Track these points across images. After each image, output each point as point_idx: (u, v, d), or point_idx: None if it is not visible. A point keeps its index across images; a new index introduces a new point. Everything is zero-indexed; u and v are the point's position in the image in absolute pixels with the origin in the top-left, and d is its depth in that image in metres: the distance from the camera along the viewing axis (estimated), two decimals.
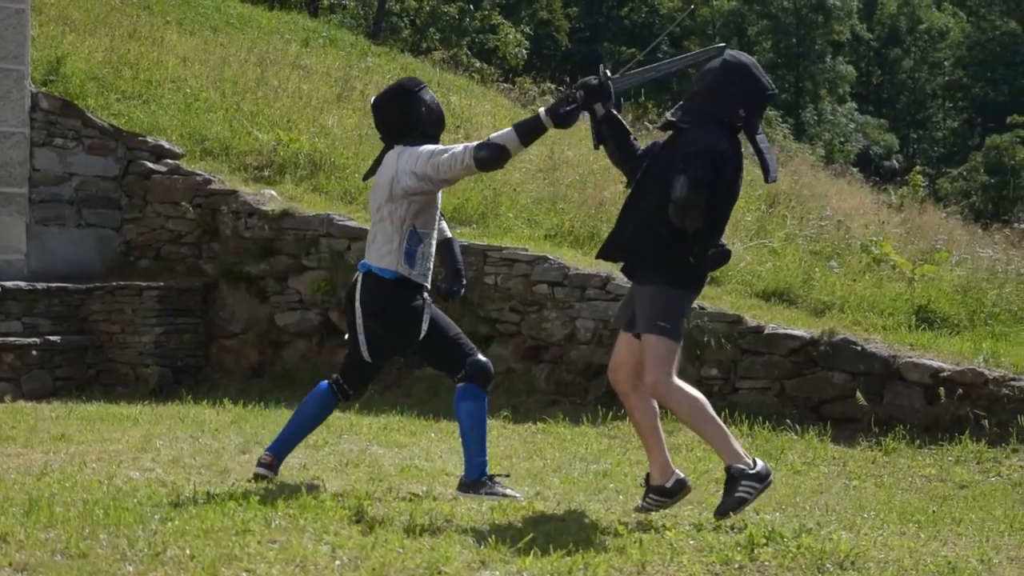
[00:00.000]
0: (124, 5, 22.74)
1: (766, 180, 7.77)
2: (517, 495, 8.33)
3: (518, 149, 8.24)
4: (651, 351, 7.62)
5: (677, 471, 7.89)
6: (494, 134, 8.29)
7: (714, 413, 7.77)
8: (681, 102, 7.85)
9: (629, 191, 7.91)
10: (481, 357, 8.51)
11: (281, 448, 8.83)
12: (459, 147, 8.26)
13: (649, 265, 7.64)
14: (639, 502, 7.95)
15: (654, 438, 7.87)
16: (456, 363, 8.49)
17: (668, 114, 7.88)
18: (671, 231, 7.47)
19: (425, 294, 8.54)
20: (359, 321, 8.53)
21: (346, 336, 8.81)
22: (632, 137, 8.03)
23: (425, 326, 8.45)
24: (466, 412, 8.44)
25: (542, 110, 8.23)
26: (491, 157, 8.17)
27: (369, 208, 8.79)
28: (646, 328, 7.63)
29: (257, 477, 8.67)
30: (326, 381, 8.95)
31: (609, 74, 8.06)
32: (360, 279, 8.52)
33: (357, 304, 8.51)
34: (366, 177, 8.90)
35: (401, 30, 44.53)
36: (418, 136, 8.48)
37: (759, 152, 7.68)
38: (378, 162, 8.63)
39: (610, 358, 8.06)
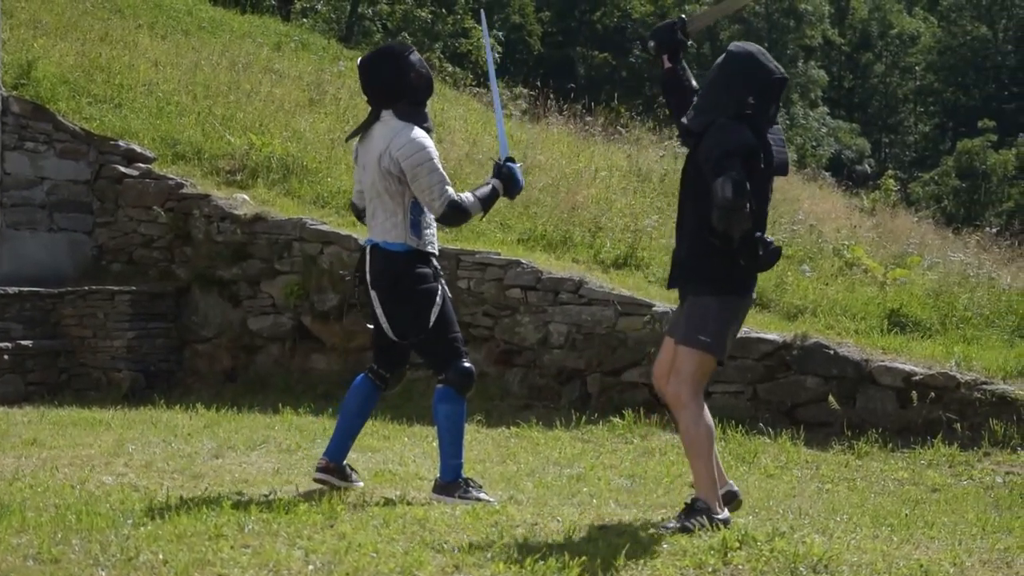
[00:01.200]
0: (95, 9, 22.67)
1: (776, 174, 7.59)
2: (491, 499, 8.31)
3: (476, 218, 8.69)
4: (683, 363, 7.52)
5: (731, 482, 7.80)
6: (468, 198, 8.41)
7: (714, 450, 7.59)
8: (692, 105, 7.73)
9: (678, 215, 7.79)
10: (467, 363, 8.47)
11: (336, 450, 8.67)
12: (444, 188, 8.30)
13: (695, 275, 7.50)
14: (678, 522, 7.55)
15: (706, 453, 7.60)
16: (445, 363, 8.46)
17: (683, 120, 7.68)
18: (715, 238, 7.31)
19: (436, 263, 8.52)
20: (375, 301, 8.45)
21: (368, 324, 8.69)
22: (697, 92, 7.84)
23: (439, 301, 8.41)
24: (444, 414, 8.41)
25: (495, 181, 8.59)
26: (454, 219, 8.46)
27: (358, 180, 8.66)
28: (683, 339, 7.53)
29: (319, 482, 8.59)
30: (362, 373, 8.82)
31: (685, 26, 8.01)
32: (368, 256, 8.44)
33: (369, 284, 8.45)
34: (349, 138, 8.86)
35: (373, 34, 44.47)
36: (406, 103, 8.42)
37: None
38: (364, 127, 8.55)
39: (654, 364, 7.99)
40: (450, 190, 8.31)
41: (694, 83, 7.96)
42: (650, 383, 12.94)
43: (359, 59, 8.74)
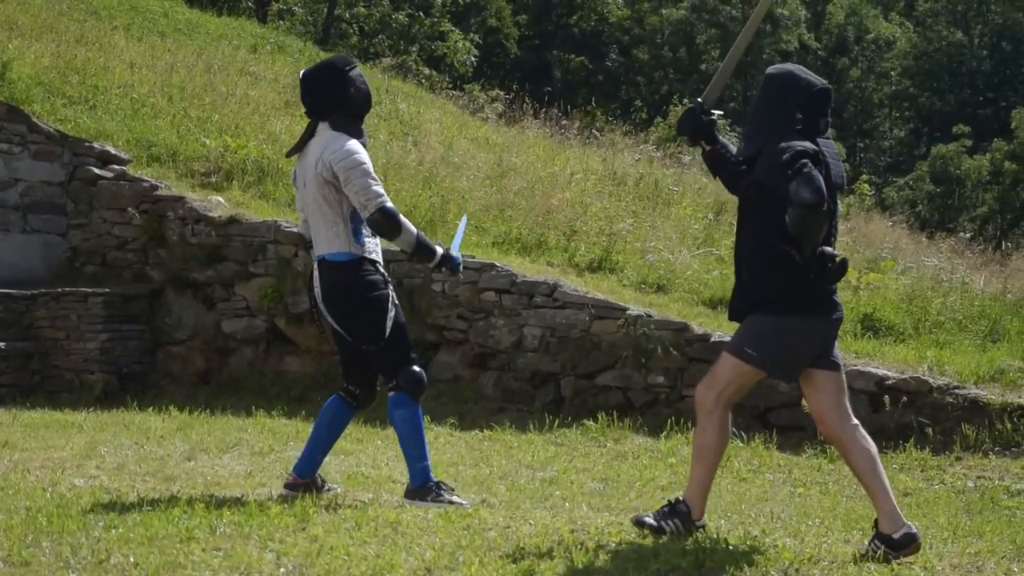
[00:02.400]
0: (71, 10, 22.62)
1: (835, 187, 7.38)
2: (464, 502, 8.31)
3: (405, 245, 8.50)
4: (721, 368, 7.42)
5: (909, 523, 7.26)
6: (406, 220, 8.41)
7: (716, 466, 7.48)
8: (742, 135, 7.66)
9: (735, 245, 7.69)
10: (417, 368, 8.49)
11: (305, 466, 8.67)
12: (378, 191, 8.32)
13: (755, 297, 7.35)
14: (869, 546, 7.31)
15: (877, 482, 7.32)
16: (396, 369, 8.47)
17: (736, 152, 7.61)
18: (776, 257, 7.19)
19: (382, 270, 8.55)
20: (327, 315, 8.50)
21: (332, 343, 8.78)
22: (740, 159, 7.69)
23: (391, 310, 8.43)
24: (400, 419, 8.46)
25: (441, 249, 8.59)
26: (384, 226, 8.36)
27: (300, 206, 8.73)
28: (729, 347, 7.43)
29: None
30: (336, 393, 8.83)
31: (703, 105, 7.79)
32: (316, 271, 8.48)
33: (319, 299, 8.48)
34: (290, 154, 8.90)
35: (350, 36, 44.46)
36: (343, 115, 8.52)
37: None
38: (302, 142, 8.63)
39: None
40: (384, 196, 8.33)
41: (733, 156, 7.85)
42: (624, 386, 13.04)
43: (302, 72, 8.82)
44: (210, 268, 15.25)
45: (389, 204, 8.34)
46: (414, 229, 8.47)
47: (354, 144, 8.41)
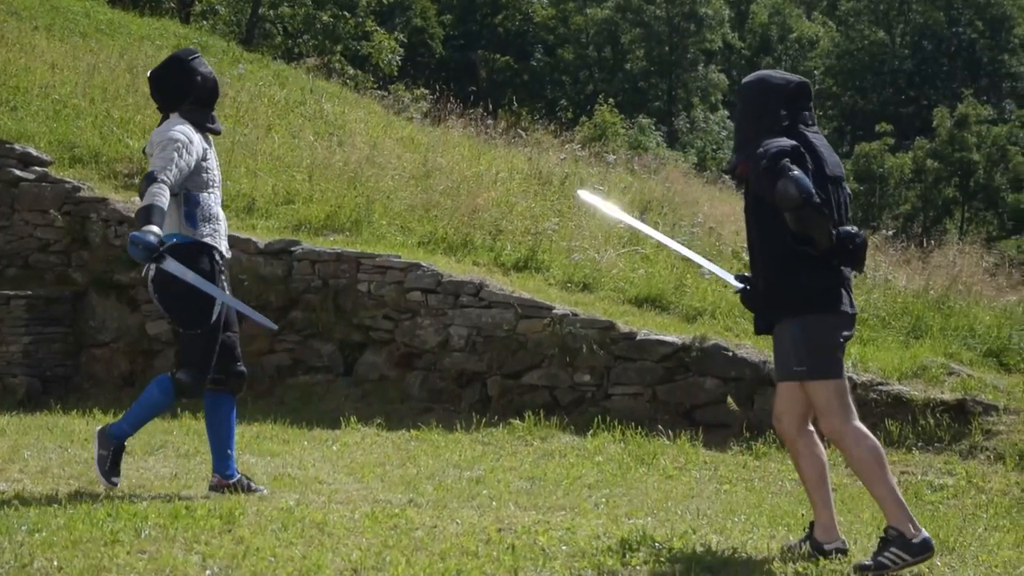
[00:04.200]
0: None
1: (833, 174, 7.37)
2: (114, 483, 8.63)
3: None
4: (811, 397, 7.26)
5: (843, 538, 7.37)
6: (157, 194, 8.33)
7: (889, 471, 7.23)
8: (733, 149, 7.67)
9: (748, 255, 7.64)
10: (197, 377, 8.65)
11: (220, 464, 8.80)
12: (162, 163, 8.39)
13: (775, 303, 7.31)
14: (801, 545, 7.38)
15: (820, 493, 7.38)
16: (191, 364, 8.64)
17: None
18: (790, 259, 7.15)
19: (218, 259, 8.67)
20: (152, 295, 8.74)
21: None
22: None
23: (219, 305, 8.59)
24: (149, 394, 8.73)
25: (153, 238, 8.31)
26: (143, 186, 8.39)
27: None
28: (782, 377, 7.34)
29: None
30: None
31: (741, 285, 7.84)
32: None
33: (150, 279, 8.67)
34: (144, 151, 8.97)
35: (274, 36, 44.29)
36: (192, 103, 8.70)
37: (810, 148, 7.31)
38: None
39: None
40: (164, 170, 8.35)
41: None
42: (550, 385, 13.06)
43: (149, 71, 9.01)
44: (134, 270, 15.09)
45: (160, 175, 8.33)
46: (157, 204, 8.29)
47: (178, 127, 8.56)
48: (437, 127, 23.55)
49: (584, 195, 10.32)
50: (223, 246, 8.75)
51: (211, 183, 8.71)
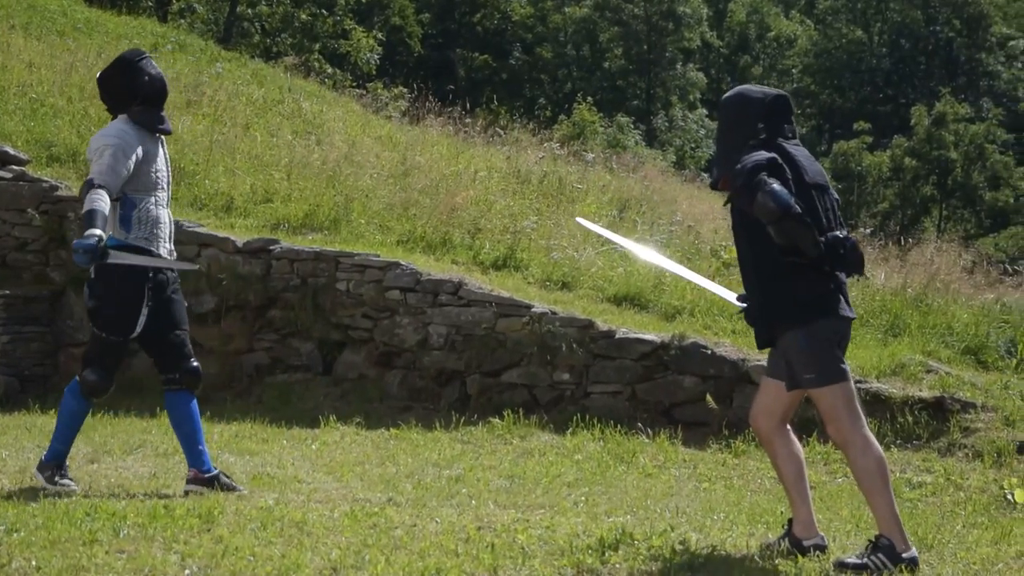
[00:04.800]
0: None
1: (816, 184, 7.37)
2: (74, 487, 8.62)
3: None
4: (818, 405, 7.32)
5: (821, 534, 7.41)
6: (97, 201, 8.30)
7: (889, 483, 7.17)
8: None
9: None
10: (96, 378, 8.76)
11: (195, 460, 8.83)
12: (100, 168, 8.41)
13: (774, 315, 7.26)
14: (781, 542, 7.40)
15: (798, 490, 7.41)
16: (95, 363, 8.76)
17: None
18: (781, 271, 7.15)
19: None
20: (87, 299, 8.73)
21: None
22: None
23: (143, 311, 8.68)
24: (65, 404, 8.83)
25: (94, 241, 8.19)
26: (83, 192, 8.40)
27: None
28: (791, 386, 7.33)
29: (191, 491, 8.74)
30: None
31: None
32: None
33: (86, 284, 8.71)
34: None
35: (252, 35, 44.24)
36: (140, 103, 8.72)
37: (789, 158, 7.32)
38: None
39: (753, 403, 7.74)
40: (101, 175, 8.38)
41: None
42: (529, 383, 13.06)
43: (98, 74, 9.08)
44: None
45: (98, 180, 8.35)
46: (97, 209, 8.27)
47: (119, 128, 8.61)
48: (416, 126, 23.54)
49: (583, 222, 10.42)
50: (164, 248, 8.74)
51: (157, 185, 8.73)
